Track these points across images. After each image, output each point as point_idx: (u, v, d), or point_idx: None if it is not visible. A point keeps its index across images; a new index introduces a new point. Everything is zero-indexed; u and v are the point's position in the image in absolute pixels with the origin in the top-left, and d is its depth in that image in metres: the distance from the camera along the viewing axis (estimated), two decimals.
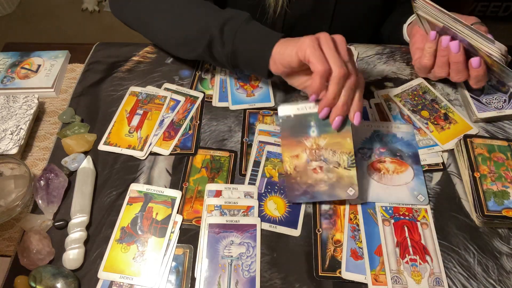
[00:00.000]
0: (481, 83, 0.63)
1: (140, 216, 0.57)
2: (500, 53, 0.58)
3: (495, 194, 0.56)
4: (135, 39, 0.81)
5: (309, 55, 0.53)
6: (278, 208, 0.58)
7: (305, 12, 0.79)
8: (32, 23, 2.13)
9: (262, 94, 0.72)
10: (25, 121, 0.66)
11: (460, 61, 0.61)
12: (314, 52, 0.53)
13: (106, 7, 2.23)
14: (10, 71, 0.75)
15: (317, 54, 0.53)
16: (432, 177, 0.61)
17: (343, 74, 0.52)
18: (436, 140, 0.64)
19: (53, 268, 0.51)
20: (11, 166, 0.61)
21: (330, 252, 0.54)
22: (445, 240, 0.55)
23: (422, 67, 0.67)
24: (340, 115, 0.55)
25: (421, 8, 0.63)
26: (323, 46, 0.54)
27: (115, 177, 0.61)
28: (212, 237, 0.54)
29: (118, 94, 0.72)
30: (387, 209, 0.57)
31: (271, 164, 0.62)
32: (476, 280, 0.52)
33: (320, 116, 0.56)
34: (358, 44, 0.79)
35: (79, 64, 0.79)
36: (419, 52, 0.68)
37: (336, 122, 0.56)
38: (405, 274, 0.52)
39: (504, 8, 1.98)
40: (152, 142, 0.65)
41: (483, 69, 0.61)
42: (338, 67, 0.52)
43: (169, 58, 0.77)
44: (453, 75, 0.64)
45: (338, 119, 0.55)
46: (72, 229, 0.54)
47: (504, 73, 0.60)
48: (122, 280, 0.52)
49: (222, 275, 0.52)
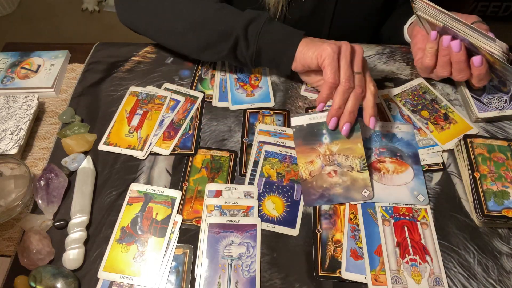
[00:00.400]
0: (483, 81, 0.63)
1: (140, 216, 0.57)
2: (502, 51, 0.58)
3: (495, 194, 0.56)
4: (135, 39, 0.81)
5: (326, 64, 0.58)
6: (276, 208, 0.58)
7: (304, 15, 0.79)
8: (32, 23, 2.13)
9: (262, 94, 0.72)
10: (25, 121, 0.66)
11: (461, 60, 0.61)
12: (331, 63, 0.58)
13: (106, 7, 2.23)
14: (10, 71, 0.75)
15: (333, 66, 0.58)
16: (432, 177, 0.61)
17: (347, 87, 0.57)
18: (436, 140, 0.64)
19: (53, 268, 0.51)
20: (11, 166, 0.61)
21: (330, 252, 0.54)
22: (445, 240, 0.55)
23: (424, 67, 0.67)
24: (348, 122, 0.59)
25: (420, 9, 0.63)
26: (341, 59, 0.58)
27: (115, 177, 0.61)
28: (212, 237, 0.54)
29: (118, 94, 0.72)
30: (387, 209, 0.57)
31: (269, 163, 0.62)
32: (476, 280, 0.52)
33: (330, 126, 0.60)
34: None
35: (79, 64, 0.79)
36: (420, 53, 0.68)
37: (344, 129, 0.59)
38: (405, 274, 0.52)
39: (504, 8, 1.98)
40: (152, 142, 0.65)
41: (485, 68, 0.61)
42: (345, 80, 0.57)
43: (169, 58, 0.78)
44: (455, 74, 0.64)
45: (346, 126, 0.59)
46: (72, 229, 0.54)
47: (507, 71, 0.60)
48: (122, 280, 0.52)
49: (222, 275, 0.52)
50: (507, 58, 0.59)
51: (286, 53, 0.63)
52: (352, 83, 0.58)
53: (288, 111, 0.69)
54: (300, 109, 0.69)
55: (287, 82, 0.73)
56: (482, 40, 0.58)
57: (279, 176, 0.61)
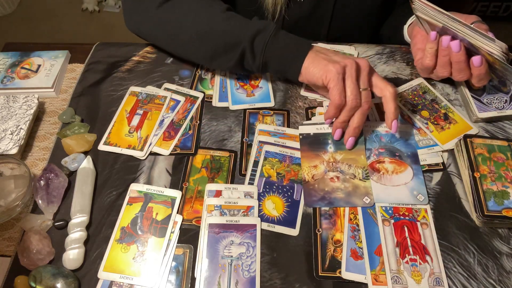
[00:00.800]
0: (483, 81, 0.63)
1: (140, 216, 0.57)
2: (501, 51, 0.58)
3: (495, 194, 0.56)
4: (135, 39, 0.81)
5: (332, 86, 0.59)
6: (276, 208, 0.58)
7: (303, 16, 0.79)
8: (32, 23, 2.13)
9: (262, 94, 0.72)
10: (25, 121, 0.66)
11: (461, 60, 0.62)
12: (337, 84, 0.58)
13: (106, 7, 2.23)
14: (10, 71, 0.75)
15: (338, 87, 0.58)
16: (432, 177, 0.61)
17: (354, 106, 0.58)
18: (436, 140, 0.64)
19: (53, 268, 0.51)
20: (11, 166, 0.61)
21: (330, 252, 0.54)
22: (445, 240, 0.55)
23: (424, 67, 0.67)
24: (352, 136, 0.61)
25: (419, 10, 0.63)
26: (346, 78, 0.59)
27: (115, 177, 0.61)
28: (212, 237, 0.54)
29: (118, 94, 0.72)
30: (387, 209, 0.57)
31: (269, 163, 0.62)
32: (476, 280, 0.52)
33: (335, 137, 0.63)
34: (358, 44, 0.79)
35: (79, 64, 0.79)
36: (420, 53, 0.68)
37: (349, 143, 0.61)
38: (405, 274, 0.52)
39: (504, 8, 1.98)
40: (152, 142, 0.65)
41: (484, 68, 0.61)
42: (351, 99, 0.58)
43: (169, 58, 0.77)
44: (455, 74, 0.64)
45: (351, 140, 0.61)
46: (72, 229, 0.54)
47: (507, 71, 0.60)
48: (122, 280, 0.52)
49: (222, 275, 0.52)
50: (507, 58, 0.59)
51: (292, 67, 0.64)
52: (359, 101, 0.59)
53: (288, 111, 0.69)
54: (300, 109, 0.69)
55: (287, 82, 0.73)
56: (481, 40, 0.58)
57: (279, 176, 0.61)
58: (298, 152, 0.63)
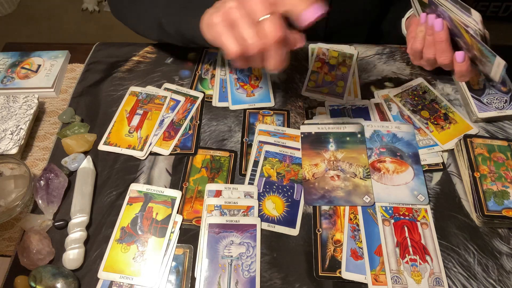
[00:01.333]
0: (464, 78, 0.64)
1: (140, 216, 0.57)
2: (475, 23, 0.58)
3: (495, 194, 0.56)
4: (135, 39, 0.81)
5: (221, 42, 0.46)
6: (276, 208, 0.58)
7: None
8: (32, 23, 2.13)
9: (262, 94, 0.72)
10: (25, 121, 0.66)
11: (443, 40, 0.61)
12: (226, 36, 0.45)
13: (106, 7, 2.23)
14: (10, 71, 0.75)
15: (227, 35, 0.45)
16: (432, 177, 0.61)
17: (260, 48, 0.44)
18: (436, 140, 0.64)
19: (53, 268, 0.51)
20: (11, 166, 0.61)
21: (330, 252, 0.54)
22: (445, 240, 0.55)
23: (413, 51, 0.67)
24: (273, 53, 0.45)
25: None
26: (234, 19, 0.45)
27: (115, 177, 0.61)
28: (212, 237, 0.54)
29: (118, 94, 0.72)
30: (387, 209, 0.57)
31: (269, 163, 0.62)
32: (476, 280, 0.52)
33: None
34: (358, 44, 0.79)
35: (79, 64, 0.79)
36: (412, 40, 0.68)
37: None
38: (405, 274, 0.52)
39: (504, 8, 1.98)
40: (152, 142, 0.65)
41: (466, 64, 0.61)
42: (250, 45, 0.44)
43: (169, 58, 0.77)
44: (438, 55, 0.64)
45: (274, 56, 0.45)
46: (72, 229, 0.54)
47: (484, 57, 0.59)
48: (122, 280, 0.52)
49: (222, 275, 0.52)
50: (483, 33, 0.58)
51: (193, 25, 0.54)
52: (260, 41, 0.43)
53: (288, 111, 0.69)
54: (300, 109, 0.69)
55: (287, 82, 0.73)
56: (458, 13, 0.58)
57: (279, 176, 0.61)
58: (298, 152, 0.63)
